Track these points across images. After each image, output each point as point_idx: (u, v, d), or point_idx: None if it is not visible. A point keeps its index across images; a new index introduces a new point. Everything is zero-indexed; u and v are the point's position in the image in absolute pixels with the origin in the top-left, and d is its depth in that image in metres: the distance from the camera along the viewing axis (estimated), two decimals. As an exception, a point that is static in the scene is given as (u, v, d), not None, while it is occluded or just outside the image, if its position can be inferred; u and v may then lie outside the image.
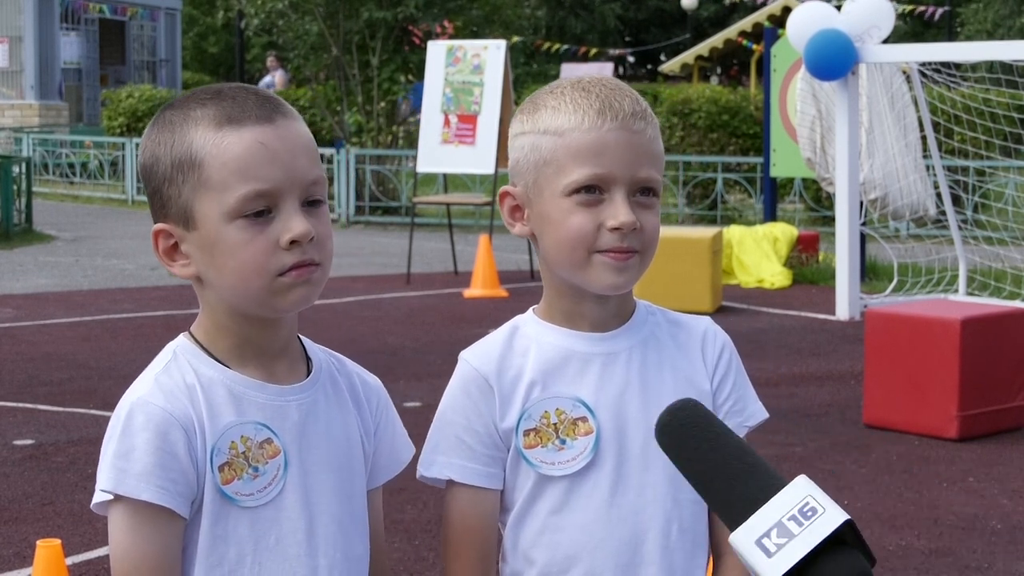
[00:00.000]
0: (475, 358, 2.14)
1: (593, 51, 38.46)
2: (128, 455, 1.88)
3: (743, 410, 2.18)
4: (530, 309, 2.20)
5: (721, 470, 1.55)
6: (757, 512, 1.50)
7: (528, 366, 2.12)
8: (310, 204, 1.93)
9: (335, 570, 1.98)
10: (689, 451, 1.57)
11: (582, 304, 2.13)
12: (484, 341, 2.17)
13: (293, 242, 1.89)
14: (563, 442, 2.09)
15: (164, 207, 1.94)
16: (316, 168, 1.95)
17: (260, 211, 1.89)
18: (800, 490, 1.51)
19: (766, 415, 2.22)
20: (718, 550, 2.16)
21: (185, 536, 1.92)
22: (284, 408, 1.96)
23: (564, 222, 2.07)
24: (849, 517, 1.48)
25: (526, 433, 2.10)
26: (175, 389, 1.92)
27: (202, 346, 1.97)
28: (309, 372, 2.02)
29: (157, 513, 1.88)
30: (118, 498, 1.89)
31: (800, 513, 1.48)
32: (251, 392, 1.95)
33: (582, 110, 2.07)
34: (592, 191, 2.06)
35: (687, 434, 1.58)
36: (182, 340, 1.99)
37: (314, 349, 2.06)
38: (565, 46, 36.80)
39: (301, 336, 2.05)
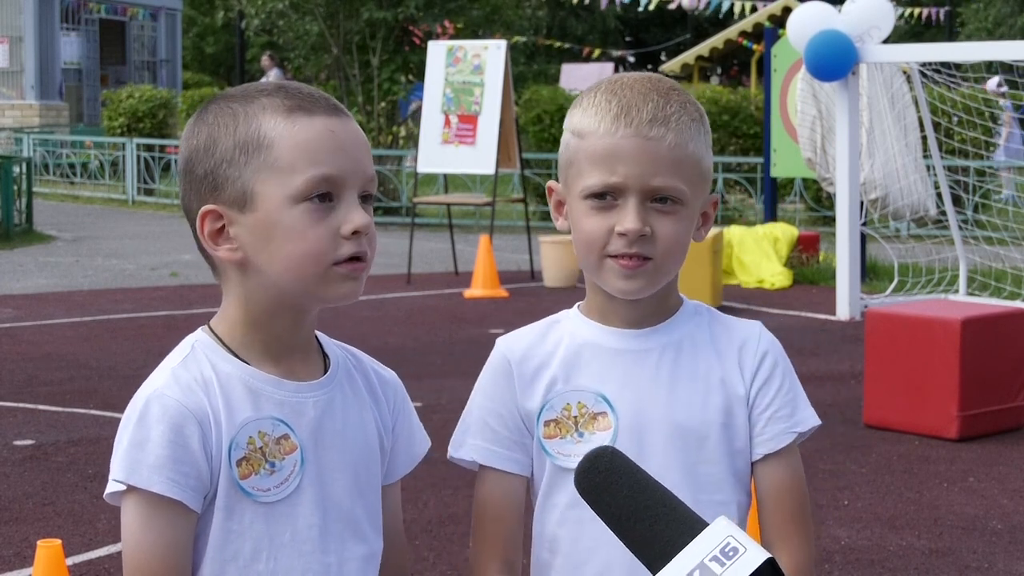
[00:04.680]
0: (504, 343, 2.17)
1: (595, 51, 38.45)
2: (142, 446, 1.89)
3: (790, 415, 2.13)
4: (576, 304, 2.20)
5: (642, 514, 1.57)
6: (679, 554, 1.52)
7: (556, 357, 2.13)
8: (363, 199, 1.96)
9: (347, 566, 1.99)
10: (609, 497, 1.60)
11: (613, 300, 2.13)
12: (521, 329, 2.19)
13: (355, 233, 1.91)
14: (581, 435, 2.10)
15: (217, 188, 1.94)
16: (372, 167, 1.99)
17: (323, 195, 1.91)
18: (721, 531, 1.53)
19: (817, 422, 2.17)
20: None
21: (196, 528, 1.92)
22: (301, 404, 1.97)
23: (580, 224, 2.09)
24: (770, 555, 1.50)
25: (547, 423, 2.12)
26: (192, 383, 1.92)
27: (221, 341, 1.97)
28: (326, 369, 2.02)
29: (168, 505, 1.88)
30: (131, 489, 1.89)
31: (722, 553, 1.51)
32: (268, 388, 1.95)
33: (601, 114, 2.06)
34: (604, 197, 2.06)
35: (607, 480, 1.60)
36: (200, 334, 1.99)
37: (330, 345, 2.06)
38: (567, 45, 36.80)
39: (317, 332, 2.05)
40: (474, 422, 2.15)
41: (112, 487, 1.92)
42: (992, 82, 16.93)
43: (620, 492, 1.59)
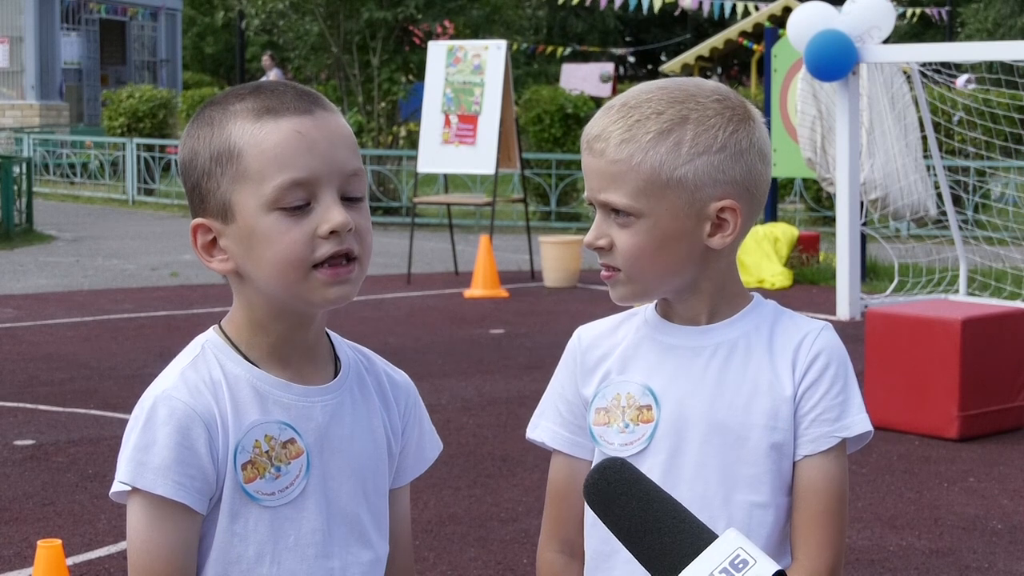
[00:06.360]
0: (578, 332, 2.24)
1: (594, 51, 38.45)
2: (148, 448, 1.88)
3: (836, 419, 2.12)
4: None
5: (652, 526, 1.57)
6: (689, 566, 1.52)
7: (618, 349, 2.18)
8: (349, 200, 1.91)
9: (351, 571, 1.98)
10: (619, 508, 1.60)
11: (670, 297, 2.18)
12: (602, 319, 2.25)
13: (332, 232, 1.88)
14: (627, 425, 2.14)
15: (203, 201, 1.93)
16: (355, 160, 1.93)
17: (299, 205, 1.88)
18: (730, 543, 1.53)
19: (867, 428, 2.13)
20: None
21: (201, 530, 1.92)
22: (308, 409, 1.96)
23: None
24: (780, 568, 1.50)
25: (597, 411, 2.16)
26: (200, 385, 1.92)
27: (231, 342, 1.96)
28: (337, 372, 2.01)
29: (174, 508, 1.88)
30: (136, 490, 1.89)
31: (731, 565, 1.51)
32: (276, 391, 1.94)
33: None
34: (594, 208, 2.14)
35: (616, 492, 1.60)
36: (211, 334, 1.98)
37: (343, 347, 2.05)
38: (567, 50, 36.79)
39: (330, 333, 2.04)
40: (548, 405, 2.24)
41: (118, 487, 1.92)
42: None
43: (629, 504, 1.59)
